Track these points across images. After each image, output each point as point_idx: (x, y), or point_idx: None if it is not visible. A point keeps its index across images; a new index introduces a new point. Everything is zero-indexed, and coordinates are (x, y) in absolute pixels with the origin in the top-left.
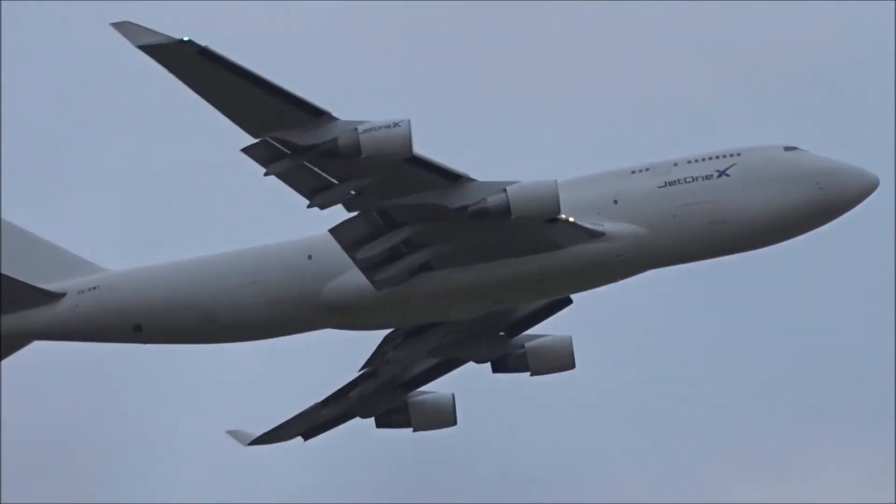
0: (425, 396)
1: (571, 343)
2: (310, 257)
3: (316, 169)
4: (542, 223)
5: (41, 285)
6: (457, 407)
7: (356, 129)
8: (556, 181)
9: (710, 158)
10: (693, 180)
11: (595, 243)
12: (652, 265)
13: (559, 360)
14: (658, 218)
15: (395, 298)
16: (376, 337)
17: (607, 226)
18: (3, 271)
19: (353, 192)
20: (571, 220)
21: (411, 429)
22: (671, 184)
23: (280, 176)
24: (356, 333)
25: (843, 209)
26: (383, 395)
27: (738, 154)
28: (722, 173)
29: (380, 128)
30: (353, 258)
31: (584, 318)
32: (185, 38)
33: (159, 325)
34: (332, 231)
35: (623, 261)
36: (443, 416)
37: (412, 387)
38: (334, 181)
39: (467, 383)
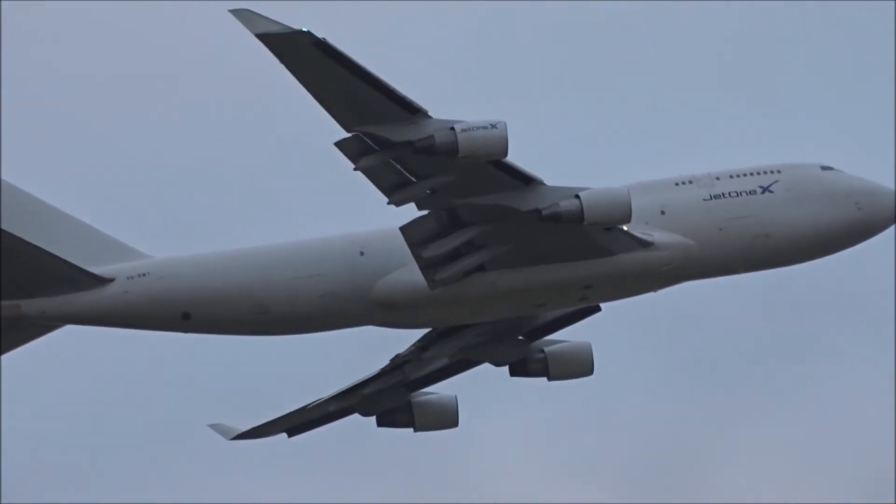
0: (429, 397)
1: (591, 350)
2: (362, 253)
3: (397, 165)
4: (600, 230)
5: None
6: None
7: (453, 129)
8: (628, 189)
9: (752, 174)
10: (738, 195)
11: (645, 252)
12: (695, 276)
13: (579, 366)
14: (705, 230)
15: (446, 297)
16: (359, 337)
17: (656, 235)
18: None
19: (428, 191)
20: (625, 228)
21: (413, 429)
22: (716, 197)
23: (367, 171)
24: (343, 334)
25: (879, 229)
26: (388, 394)
27: (779, 171)
28: (765, 189)
29: (478, 128)
30: (418, 256)
31: (592, 327)
32: (304, 29)
33: (209, 315)
34: (403, 229)
35: (669, 271)
36: (446, 417)
37: (418, 387)
38: (412, 178)
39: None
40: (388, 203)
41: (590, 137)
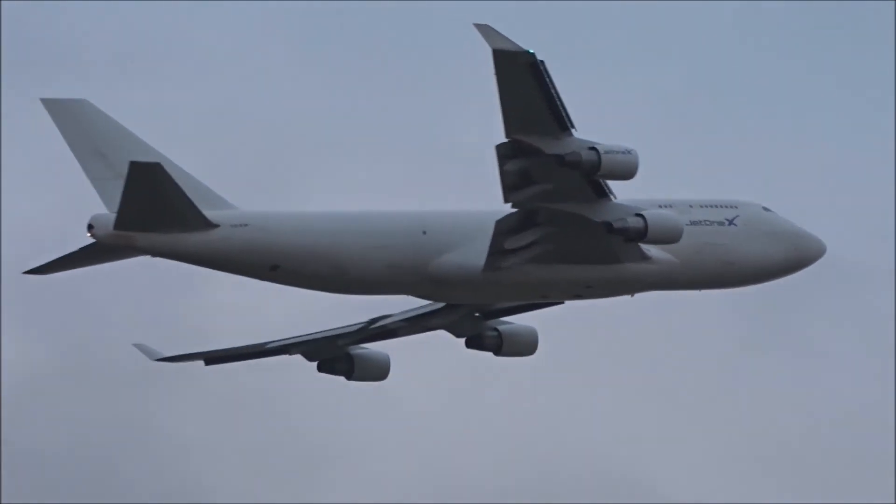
0: (366, 351)
1: (537, 333)
2: (424, 232)
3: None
4: (623, 241)
5: None
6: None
7: (595, 149)
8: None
9: (716, 206)
10: (711, 224)
11: (644, 264)
12: (666, 288)
13: (526, 346)
14: (687, 251)
15: (488, 282)
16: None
17: (653, 251)
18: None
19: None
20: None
21: (347, 377)
22: (695, 223)
23: (508, 173)
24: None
25: (808, 265)
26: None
27: (736, 207)
28: (731, 222)
29: (617, 152)
30: (498, 245)
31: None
32: (531, 51)
33: (295, 269)
34: (499, 221)
35: (653, 282)
36: (379, 370)
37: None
38: (526, 182)
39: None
40: (507, 202)
41: None
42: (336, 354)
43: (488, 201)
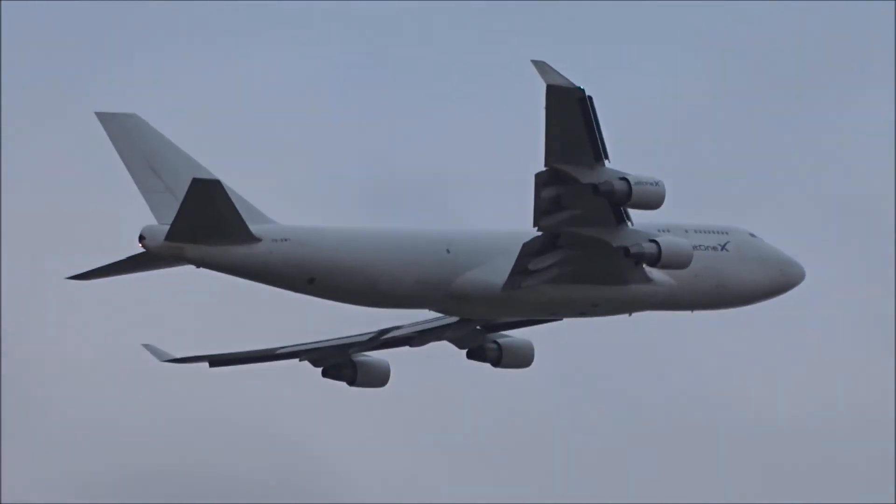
0: (369, 358)
1: (533, 347)
2: (448, 251)
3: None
4: (633, 264)
5: None
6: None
7: (626, 179)
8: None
9: (709, 232)
10: (706, 249)
11: (647, 286)
12: (663, 308)
13: (523, 359)
14: (685, 275)
15: (505, 299)
16: None
17: (654, 274)
18: None
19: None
20: (644, 265)
21: (349, 383)
22: (694, 248)
23: (544, 199)
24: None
25: (789, 289)
26: (334, 353)
27: (726, 233)
28: (723, 247)
29: (647, 183)
30: (522, 266)
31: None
32: (581, 87)
33: (331, 283)
34: (526, 244)
35: (654, 302)
36: (380, 377)
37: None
38: (557, 207)
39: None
40: (536, 227)
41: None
42: (341, 361)
43: (505, 222)
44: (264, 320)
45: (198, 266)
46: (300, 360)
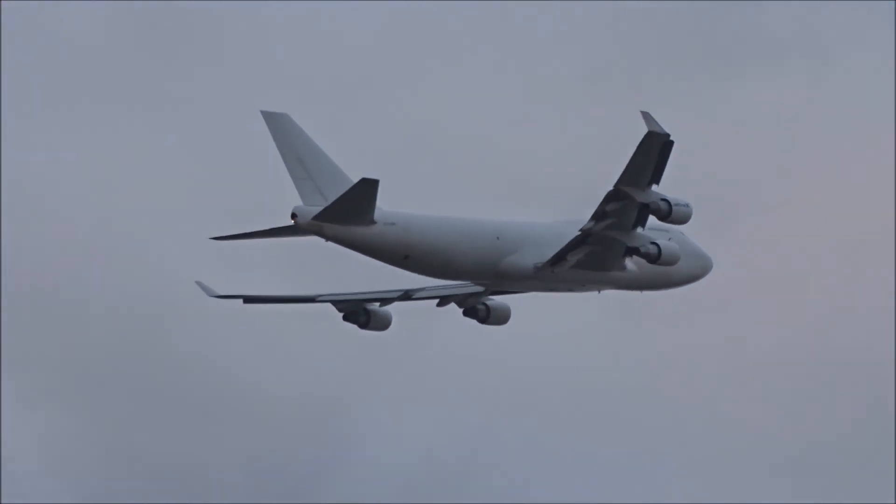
0: (380, 308)
1: (510, 309)
2: (497, 238)
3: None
4: (622, 255)
5: None
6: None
7: (666, 200)
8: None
9: (658, 230)
10: None
11: (622, 273)
12: (624, 289)
13: (504, 318)
14: (644, 265)
15: (532, 279)
16: None
17: (629, 264)
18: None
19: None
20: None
21: (360, 326)
22: None
23: (603, 212)
24: None
25: (704, 276)
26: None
27: (668, 231)
28: (670, 241)
29: (682, 205)
30: (562, 255)
31: None
32: (669, 134)
33: (420, 260)
34: (570, 242)
35: (619, 285)
36: (386, 323)
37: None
38: (604, 217)
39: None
40: (581, 230)
41: None
42: (359, 309)
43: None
44: (315, 274)
45: (327, 241)
46: (338, 309)
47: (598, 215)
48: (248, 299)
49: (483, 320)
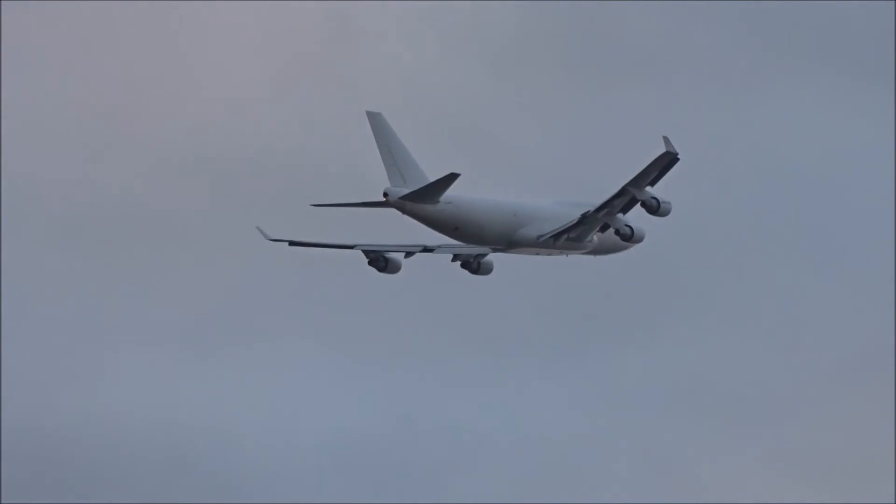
0: (395, 255)
1: (493, 264)
2: (514, 214)
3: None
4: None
5: None
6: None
7: (656, 199)
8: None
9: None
10: None
11: (590, 243)
12: (586, 253)
13: (489, 271)
14: (604, 237)
15: (535, 245)
16: None
17: (594, 237)
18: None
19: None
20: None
21: (378, 270)
22: None
23: (613, 205)
24: None
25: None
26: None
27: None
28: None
29: (666, 203)
30: (567, 232)
31: None
32: (678, 154)
33: (466, 232)
34: (576, 223)
35: (585, 251)
36: (398, 268)
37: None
38: (605, 206)
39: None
40: (583, 214)
41: None
42: (381, 257)
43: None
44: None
45: (404, 213)
46: (370, 256)
47: (604, 206)
48: (294, 243)
49: (474, 272)
